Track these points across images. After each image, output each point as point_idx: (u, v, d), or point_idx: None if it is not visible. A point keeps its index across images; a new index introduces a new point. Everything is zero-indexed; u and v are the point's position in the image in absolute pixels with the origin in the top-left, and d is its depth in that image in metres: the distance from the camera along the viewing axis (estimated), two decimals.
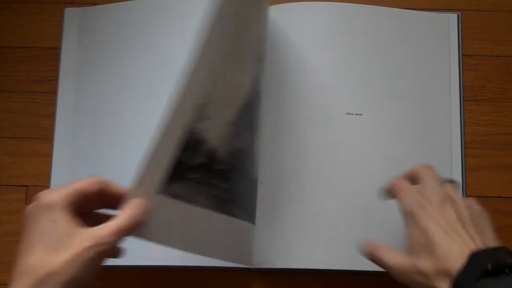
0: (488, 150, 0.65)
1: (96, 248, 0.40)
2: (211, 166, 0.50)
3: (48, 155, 0.64)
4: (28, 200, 0.64)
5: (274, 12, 0.65)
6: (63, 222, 0.40)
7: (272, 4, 0.65)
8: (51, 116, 0.65)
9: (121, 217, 0.43)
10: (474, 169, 0.64)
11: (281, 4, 0.65)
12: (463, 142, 0.64)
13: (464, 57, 0.66)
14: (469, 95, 0.66)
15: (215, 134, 0.50)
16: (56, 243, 0.39)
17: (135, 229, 0.43)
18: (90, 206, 0.45)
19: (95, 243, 0.40)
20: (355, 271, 0.60)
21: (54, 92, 0.66)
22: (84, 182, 0.44)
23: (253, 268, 0.60)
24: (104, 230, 0.41)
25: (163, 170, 0.46)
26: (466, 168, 0.63)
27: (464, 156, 0.63)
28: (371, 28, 0.64)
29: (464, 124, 0.64)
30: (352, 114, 0.62)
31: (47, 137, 0.65)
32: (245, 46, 0.54)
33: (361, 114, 0.62)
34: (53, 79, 0.66)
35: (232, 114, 0.52)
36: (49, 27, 0.68)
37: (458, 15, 0.67)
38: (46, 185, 0.64)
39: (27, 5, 0.69)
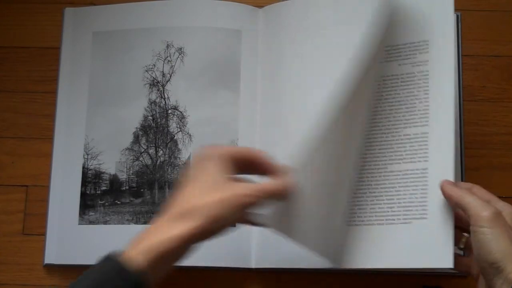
0: (488, 150, 0.65)
1: (240, 197, 0.46)
2: (116, 189, 0.63)
3: (48, 155, 0.64)
4: (28, 200, 0.64)
5: (272, 12, 0.65)
6: (221, 172, 0.47)
7: (271, 3, 0.65)
8: (51, 116, 0.65)
9: (271, 182, 0.49)
10: (474, 169, 0.64)
11: (280, 4, 0.65)
12: (463, 142, 0.63)
13: (464, 57, 0.66)
14: (469, 95, 0.66)
15: (110, 163, 0.63)
16: (210, 187, 0.47)
17: (275, 197, 0.49)
18: (242, 169, 0.51)
19: (240, 194, 0.46)
20: (355, 271, 0.59)
21: (54, 92, 0.66)
22: (244, 148, 0.58)
23: (253, 268, 0.60)
24: (251, 186, 0.48)
25: (77, 205, 0.62)
26: (466, 168, 0.63)
27: (464, 156, 0.63)
28: (370, 26, 0.64)
29: (464, 124, 0.64)
30: None
31: (47, 137, 0.65)
32: None
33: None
34: (53, 79, 0.66)
35: (127, 142, 0.63)
36: (49, 27, 0.68)
37: (458, 15, 0.67)
38: (46, 185, 0.64)
39: (27, 5, 0.69)
